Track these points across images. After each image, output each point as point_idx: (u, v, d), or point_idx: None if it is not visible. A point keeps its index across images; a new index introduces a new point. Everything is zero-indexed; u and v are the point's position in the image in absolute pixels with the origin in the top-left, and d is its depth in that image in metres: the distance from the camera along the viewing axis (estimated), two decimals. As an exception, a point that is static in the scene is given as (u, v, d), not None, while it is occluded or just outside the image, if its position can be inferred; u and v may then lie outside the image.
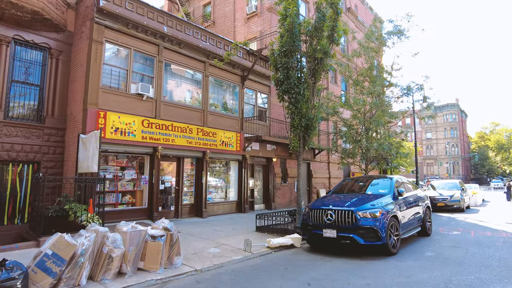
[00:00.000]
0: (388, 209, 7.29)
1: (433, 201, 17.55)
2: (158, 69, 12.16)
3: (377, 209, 7.06)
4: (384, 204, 7.37)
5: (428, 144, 70.14)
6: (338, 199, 8.03)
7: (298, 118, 10.27)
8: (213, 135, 13.64)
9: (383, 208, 7.19)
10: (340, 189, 9.19)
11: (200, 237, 9.00)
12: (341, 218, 7.11)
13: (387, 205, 7.40)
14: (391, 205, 7.53)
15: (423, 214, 9.41)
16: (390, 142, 14.03)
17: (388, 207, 7.36)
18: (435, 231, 10.58)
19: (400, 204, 7.96)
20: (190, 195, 13.32)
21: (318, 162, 20.35)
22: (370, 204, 7.26)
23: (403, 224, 7.90)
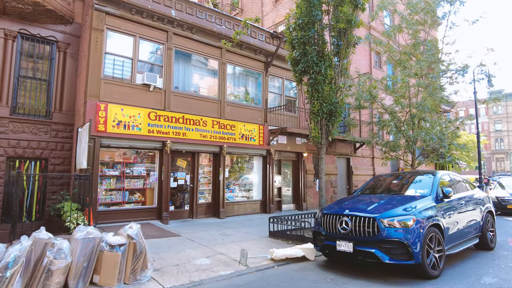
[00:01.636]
0: (426, 215, 5.37)
1: (501, 203, 14.59)
2: (167, 57, 11.16)
3: (410, 215, 5.19)
4: (421, 209, 5.46)
5: (498, 136, 62.19)
6: (360, 202, 6.24)
7: (319, 103, 8.57)
8: (231, 128, 12.35)
9: (419, 214, 5.30)
10: (369, 188, 7.32)
11: (199, 243, 7.75)
12: (359, 227, 5.36)
13: (426, 210, 5.48)
14: (431, 210, 5.58)
15: (483, 221, 7.19)
16: (442, 131, 11.55)
17: (426, 213, 5.44)
18: (502, 243, 8.21)
19: (445, 208, 5.95)
20: (208, 193, 12.19)
21: (360, 157, 18.13)
22: (401, 209, 5.40)
23: (450, 236, 5.89)
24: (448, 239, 5.81)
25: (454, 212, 6.15)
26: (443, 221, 5.69)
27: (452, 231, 6.01)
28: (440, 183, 6.48)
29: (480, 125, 63.52)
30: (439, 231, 5.56)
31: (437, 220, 5.52)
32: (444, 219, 5.75)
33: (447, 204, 6.08)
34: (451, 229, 5.96)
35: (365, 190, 7.27)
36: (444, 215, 5.81)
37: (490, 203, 7.84)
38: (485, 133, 61.60)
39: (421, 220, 5.21)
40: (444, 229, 5.66)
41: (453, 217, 6.09)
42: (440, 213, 5.72)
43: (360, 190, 7.34)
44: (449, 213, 5.98)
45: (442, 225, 5.62)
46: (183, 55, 11.87)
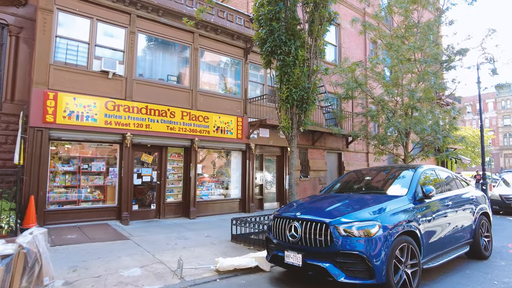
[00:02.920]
0: (396, 220, 4.24)
1: (505, 201, 13.38)
2: (129, 42, 10.11)
3: (373, 221, 4.07)
4: (391, 212, 4.33)
5: (506, 132, 60.15)
6: (321, 202, 5.13)
7: (288, 88, 7.43)
8: (204, 119, 11.27)
9: (387, 219, 4.17)
10: (339, 185, 6.18)
11: (144, 249, 6.71)
12: (310, 234, 4.26)
13: (397, 214, 4.34)
14: (404, 213, 4.44)
15: (476, 225, 6.03)
16: (437, 121, 10.32)
17: (397, 217, 4.31)
18: (500, 249, 7.03)
19: (425, 211, 4.81)
20: (178, 191, 11.14)
21: (353, 153, 16.93)
22: (365, 212, 4.28)
23: (430, 245, 4.75)
24: (427, 249, 4.67)
25: (437, 216, 5.00)
26: (420, 227, 4.55)
27: (434, 239, 4.87)
28: (422, 180, 5.34)
29: (488, 120, 61.60)
30: (414, 240, 4.43)
31: (412, 227, 4.39)
32: (422, 225, 4.61)
33: (428, 205, 4.94)
34: (432, 236, 4.83)
35: (334, 187, 6.14)
36: (423, 220, 4.67)
37: (486, 204, 6.66)
38: (493, 128, 59.71)
39: (389, 227, 4.09)
40: (421, 237, 4.52)
41: (436, 221, 4.95)
42: (417, 217, 4.58)
43: (329, 188, 6.22)
44: (430, 217, 4.84)
45: (419, 232, 4.48)
46: (149, 39, 10.81)
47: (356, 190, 5.75)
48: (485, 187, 17.36)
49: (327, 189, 6.17)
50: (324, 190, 6.19)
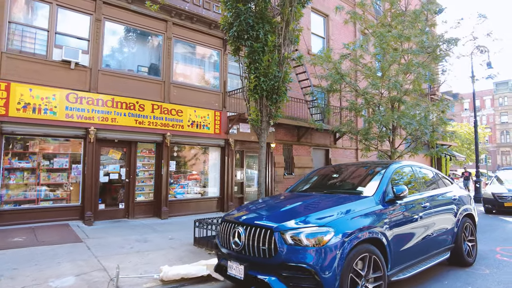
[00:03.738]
0: (357, 226, 3.58)
1: (498, 200, 12.75)
2: (95, 30, 9.40)
3: (327, 227, 3.41)
4: (351, 216, 3.67)
5: (503, 129, 59.54)
6: (273, 203, 4.47)
7: (256, 77, 6.75)
8: (178, 113, 10.58)
9: (344, 224, 3.51)
10: (304, 184, 5.52)
11: (92, 253, 6.05)
12: (253, 241, 3.60)
13: (357, 219, 3.69)
14: (368, 217, 3.79)
15: (458, 229, 5.38)
16: (425, 115, 9.66)
17: (357, 222, 3.65)
18: (486, 253, 6.40)
19: (395, 214, 4.15)
20: (149, 190, 10.48)
21: (341, 149, 16.28)
22: (318, 215, 3.61)
23: (400, 253, 4.10)
24: (396, 259, 4.02)
25: (410, 219, 4.35)
26: (388, 233, 3.90)
27: (406, 246, 4.22)
28: (395, 178, 4.68)
29: (486, 117, 61.04)
30: (380, 248, 3.77)
31: (376, 233, 3.73)
32: (391, 230, 3.95)
33: (400, 207, 4.28)
34: (403, 243, 4.17)
35: (300, 185, 5.48)
36: (392, 224, 4.01)
37: (471, 204, 6.01)
38: (490, 126, 59.18)
39: (346, 234, 3.43)
40: (388, 245, 3.86)
41: (409, 225, 4.30)
42: (384, 221, 3.92)
43: (295, 186, 5.56)
44: (401, 221, 4.19)
45: (385, 239, 3.83)
46: (118, 28, 10.10)
47: (320, 188, 5.09)
48: (479, 185, 16.78)
49: (293, 187, 5.51)
50: (289, 189, 5.52)
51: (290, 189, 5.47)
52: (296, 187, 5.47)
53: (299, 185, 5.50)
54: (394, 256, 3.97)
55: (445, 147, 24.93)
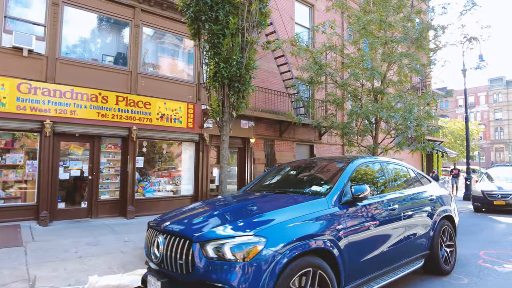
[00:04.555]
0: (296, 235, 2.90)
1: (487, 198, 12.21)
2: (51, 16, 8.65)
3: (257, 236, 2.74)
4: (293, 221, 3.01)
5: (497, 125, 59.27)
6: (210, 206, 3.81)
7: (215, 63, 6.07)
8: (146, 105, 9.87)
9: (280, 233, 2.85)
10: (261, 182, 4.84)
11: (27, 259, 5.36)
12: (171, 253, 2.94)
13: (300, 224, 3.02)
14: (315, 223, 3.13)
15: (434, 233, 4.75)
16: (410, 108, 9.02)
17: (299, 229, 2.98)
18: (468, 259, 5.80)
19: (353, 219, 3.50)
20: (115, 187, 9.79)
21: (327, 145, 15.64)
22: (249, 222, 2.96)
23: (359, 265, 3.46)
24: (353, 272, 3.37)
25: (373, 224, 3.70)
26: (341, 242, 3.24)
27: (367, 257, 3.57)
28: (359, 176, 4.04)
29: (480, 113, 60.79)
30: (329, 261, 3.12)
31: (325, 242, 3.07)
32: (345, 239, 3.30)
33: (360, 210, 3.63)
34: (363, 253, 3.53)
35: (256, 184, 4.81)
36: (348, 231, 3.36)
37: (450, 205, 5.38)
38: (484, 122, 58.91)
39: (285, 244, 2.77)
40: (341, 256, 3.21)
41: (371, 231, 3.65)
42: (337, 227, 3.27)
43: (252, 184, 4.89)
44: (360, 226, 3.54)
45: (337, 250, 3.17)
46: (79, 14, 9.33)
47: (275, 187, 4.43)
48: (469, 182, 16.27)
49: (249, 186, 4.84)
50: (244, 188, 4.86)
51: (245, 189, 4.81)
52: (253, 185, 4.81)
53: (256, 183, 4.83)
54: (350, 269, 3.32)
55: (437, 143, 24.41)
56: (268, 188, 4.46)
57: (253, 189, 4.59)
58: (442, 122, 38.09)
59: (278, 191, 4.12)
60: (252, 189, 4.62)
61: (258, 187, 4.63)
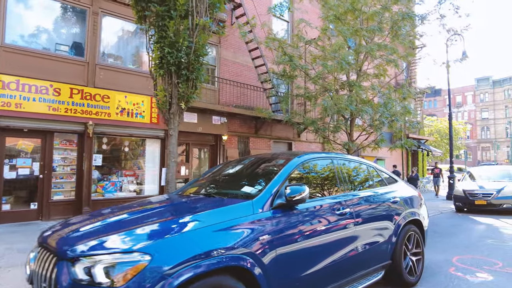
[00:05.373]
0: (199, 249, 2.24)
1: (469, 197, 11.77)
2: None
3: (140, 253, 2.08)
4: (201, 231, 2.37)
5: (484, 125, 59.66)
6: (120, 211, 3.12)
7: (160, 47, 5.40)
8: (104, 99, 9.15)
9: (172, 247, 2.19)
10: (196, 183, 4.18)
11: None
12: (38, 272, 2.29)
13: (209, 236, 2.37)
14: (230, 232, 2.49)
15: (398, 240, 4.15)
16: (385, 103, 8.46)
17: (205, 241, 2.32)
18: (439, 265, 5.24)
19: (286, 226, 2.86)
20: (71, 187, 9.05)
21: (306, 143, 15.07)
22: (147, 230, 2.32)
23: (295, 283, 2.83)
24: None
25: (313, 232, 3.08)
26: (268, 256, 2.61)
27: (306, 272, 2.95)
28: (300, 174, 3.42)
29: (467, 113, 61.14)
30: (248, 281, 2.48)
31: (238, 259, 2.43)
32: (272, 252, 2.65)
33: (298, 216, 3.01)
34: (301, 268, 2.91)
35: (192, 184, 4.16)
36: (278, 242, 2.73)
37: (419, 208, 4.80)
38: (471, 121, 59.27)
39: (179, 262, 2.13)
40: (265, 275, 2.56)
41: (309, 242, 3.02)
42: (262, 237, 2.63)
43: (186, 186, 4.23)
44: (294, 236, 2.91)
45: (259, 266, 2.53)
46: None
47: (209, 188, 3.78)
48: (452, 181, 15.87)
49: (185, 187, 4.18)
50: (177, 191, 4.20)
51: (180, 190, 4.15)
52: (189, 185, 4.15)
53: (193, 183, 4.18)
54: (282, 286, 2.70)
55: (422, 141, 24.11)
56: (202, 188, 3.81)
57: (185, 190, 3.94)
58: (429, 120, 37.99)
59: (207, 193, 3.48)
60: (185, 190, 3.96)
61: (192, 187, 3.98)
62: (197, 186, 3.95)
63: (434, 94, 60.86)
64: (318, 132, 9.20)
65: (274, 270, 2.64)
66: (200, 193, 3.58)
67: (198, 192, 3.67)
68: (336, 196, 3.57)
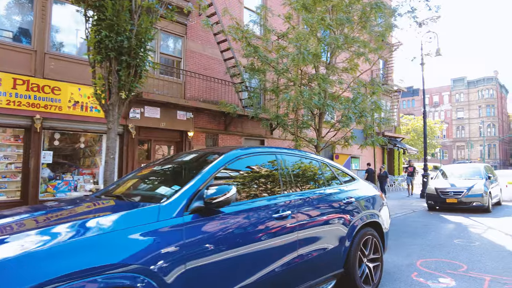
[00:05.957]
0: (64, 269, 1.70)
1: (440, 196, 11.67)
2: None
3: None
4: (75, 245, 1.83)
5: (459, 124, 61.16)
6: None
7: (97, 30, 4.79)
8: (54, 91, 8.41)
9: (27, 266, 1.65)
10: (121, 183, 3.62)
11: None
12: None
13: (89, 249, 1.85)
14: (122, 245, 1.97)
15: (353, 244, 3.73)
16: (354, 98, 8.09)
17: (82, 257, 1.80)
18: (402, 270, 4.88)
19: (205, 234, 2.37)
20: (16, 187, 8.28)
21: (279, 140, 14.63)
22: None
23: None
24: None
25: (240, 240, 2.60)
26: (170, 275, 2.10)
27: (235, 286, 2.46)
28: (232, 173, 2.93)
29: (444, 112, 62.53)
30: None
31: (127, 278, 1.91)
32: (181, 266, 2.16)
33: (220, 221, 2.52)
34: (221, 283, 2.42)
35: (114, 185, 3.60)
36: (191, 254, 2.23)
37: (379, 209, 4.40)
38: (447, 121, 60.67)
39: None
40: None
41: (238, 251, 2.54)
42: (169, 250, 2.13)
43: (109, 187, 3.66)
44: (220, 245, 2.42)
45: (158, 285, 2.03)
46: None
47: (126, 190, 3.24)
48: (426, 179, 15.83)
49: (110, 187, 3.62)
50: (99, 192, 3.63)
51: (103, 191, 3.58)
52: (114, 186, 3.59)
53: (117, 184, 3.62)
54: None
55: (399, 140, 24.19)
56: (120, 189, 3.26)
57: (106, 192, 3.37)
58: (406, 119, 38.44)
59: (118, 195, 2.94)
60: (107, 192, 3.40)
61: (116, 187, 3.42)
62: (119, 185, 3.40)
63: (412, 93, 61.96)
64: (284, 128, 8.76)
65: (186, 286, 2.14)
66: (112, 195, 3.03)
67: (111, 193, 3.12)
68: (275, 197, 3.10)
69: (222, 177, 2.84)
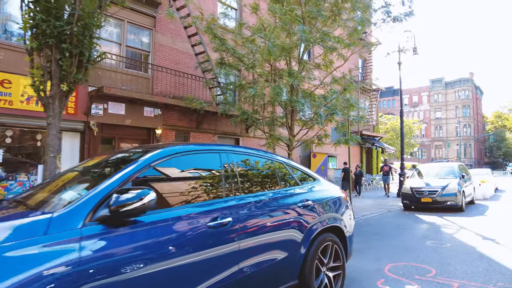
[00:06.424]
0: None
1: (415, 195, 11.59)
2: None
3: None
4: None
5: (437, 124, 62.51)
6: None
7: (33, 15, 4.26)
8: (4, 84, 7.74)
9: None
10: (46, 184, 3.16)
11: None
12: None
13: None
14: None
15: (309, 252, 3.37)
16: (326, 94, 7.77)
17: None
18: (368, 276, 4.58)
19: (112, 250, 1.95)
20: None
21: (254, 139, 14.24)
22: None
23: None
24: None
25: (168, 254, 2.19)
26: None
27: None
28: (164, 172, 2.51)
29: (422, 112, 63.77)
30: None
31: None
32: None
33: (143, 233, 2.10)
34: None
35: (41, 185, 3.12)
36: (89, 276, 1.80)
37: (342, 212, 4.06)
38: (426, 121, 61.92)
39: None
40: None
41: (156, 268, 2.12)
42: (57, 270, 1.70)
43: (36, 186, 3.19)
44: (133, 262, 2.00)
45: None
46: None
47: (45, 196, 2.77)
48: (403, 178, 15.79)
49: (29, 190, 3.13)
50: (17, 197, 3.14)
51: (21, 197, 3.09)
52: (33, 189, 3.11)
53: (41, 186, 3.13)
54: None
55: (377, 139, 24.25)
56: (36, 195, 2.79)
57: (24, 197, 2.89)
58: (385, 119, 38.83)
59: (22, 201, 2.48)
60: (24, 196, 2.92)
61: (35, 190, 2.94)
62: (39, 189, 2.92)
63: (393, 94, 62.87)
64: (254, 126, 8.37)
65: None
66: (19, 200, 2.56)
67: (24, 198, 2.65)
68: (214, 202, 2.70)
69: (151, 180, 2.42)
